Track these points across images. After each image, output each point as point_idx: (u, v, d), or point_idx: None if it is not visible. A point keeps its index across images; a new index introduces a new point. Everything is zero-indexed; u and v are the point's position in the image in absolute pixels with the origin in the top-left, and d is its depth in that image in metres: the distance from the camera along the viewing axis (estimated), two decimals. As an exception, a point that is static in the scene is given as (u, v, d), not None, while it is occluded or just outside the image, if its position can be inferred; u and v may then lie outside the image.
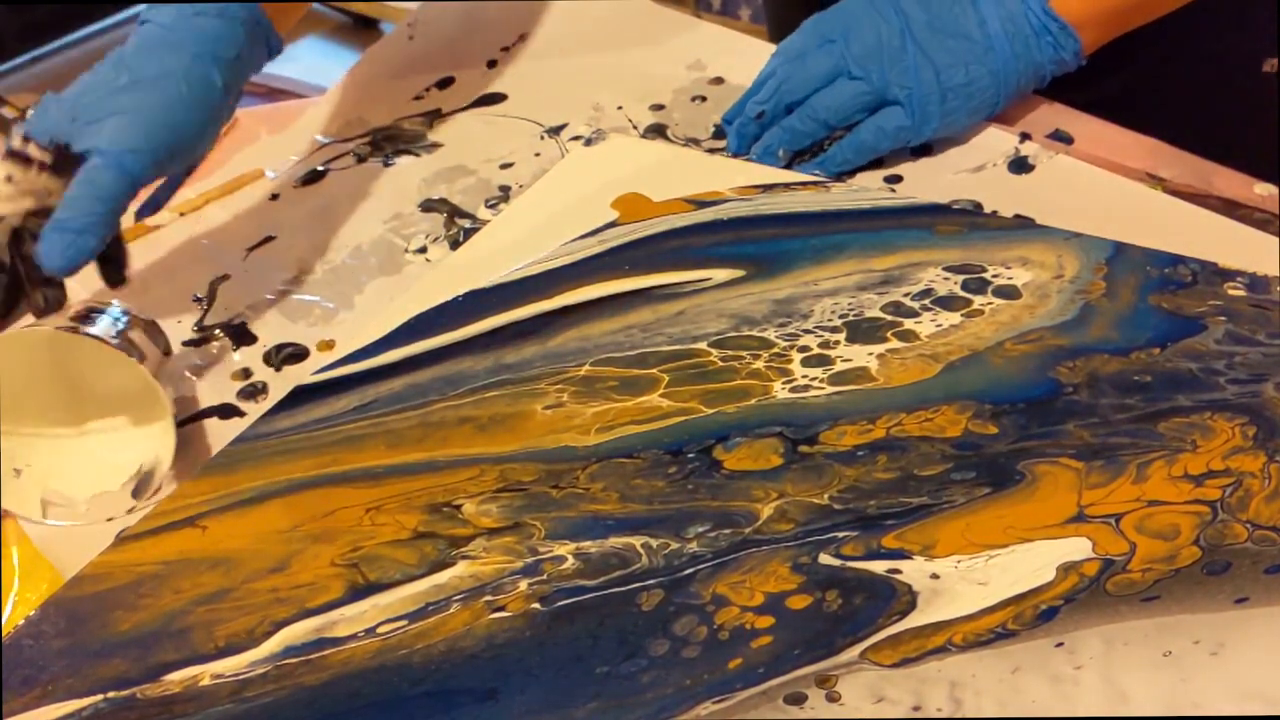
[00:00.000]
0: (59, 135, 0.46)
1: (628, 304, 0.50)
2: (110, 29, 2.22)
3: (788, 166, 0.58)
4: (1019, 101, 0.58)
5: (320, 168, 0.63)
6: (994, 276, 0.49)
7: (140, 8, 0.51)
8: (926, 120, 0.55)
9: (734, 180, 0.56)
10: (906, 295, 0.49)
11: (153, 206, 0.62)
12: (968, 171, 0.56)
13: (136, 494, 0.45)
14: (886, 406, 0.44)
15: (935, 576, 0.37)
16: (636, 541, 0.40)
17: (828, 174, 0.57)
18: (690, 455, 0.43)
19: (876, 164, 0.57)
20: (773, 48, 0.68)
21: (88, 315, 0.45)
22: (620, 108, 0.64)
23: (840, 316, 0.48)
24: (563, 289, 0.51)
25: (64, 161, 0.46)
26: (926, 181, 0.56)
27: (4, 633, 0.40)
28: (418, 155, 0.63)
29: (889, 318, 0.48)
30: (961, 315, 0.47)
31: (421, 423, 0.46)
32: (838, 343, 0.47)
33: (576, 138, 0.62)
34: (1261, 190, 0.54)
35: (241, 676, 0.37)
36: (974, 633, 0.36)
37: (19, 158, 0.46)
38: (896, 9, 0.55)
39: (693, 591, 0.38)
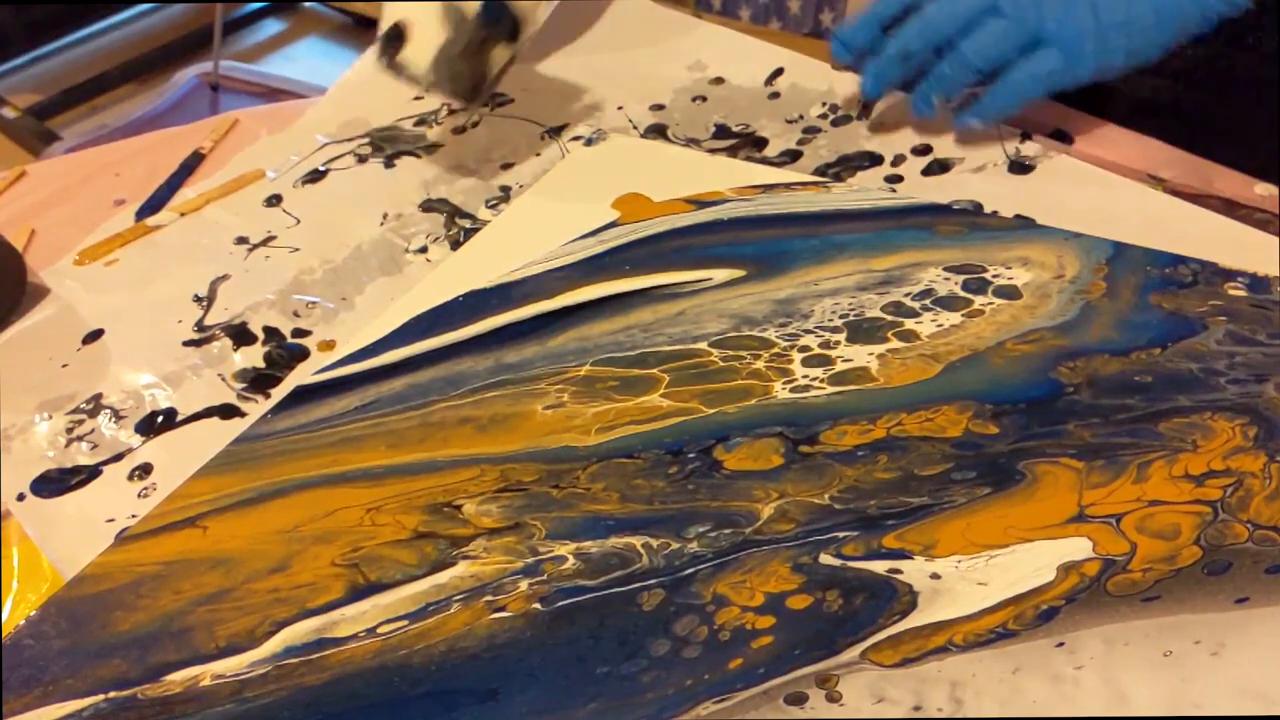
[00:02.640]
0: None
1: (628, 304, 0.50)
2: (110, 29, 2.22)
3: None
4: (1182, 44, 0.52)
5: (320, 168, 0.63)
6: (994, 276, 0.49)
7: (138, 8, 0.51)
8: (1081, 62, 0.52)
9: (734, 180, 0.56)
10: (907, 295, 0.49)
11: (153, 206, 0.62)
12: (968, 171, 0.56)
13: None
14: (887, 406, 0.44)
15: (936, 576, 0.37)
16: (637, 541, 0.40)
17: (985, 122, 0.55)
18: (691, 455, 0.43)
19: (877, 164, 0.57)
20: (772, 47, 0.68)
21: None
22: (620, 108, 0.64)
23: (840, 316, 0.48)
24: (563, 289, 0.51)
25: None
26: (926, 181, 0.56)
27: (4, 633, 0.40)
28: (418, 155, 0.63)
29: (889, 318, 0.48)
30: (962, 315, 0.47)
31: (422, 423, 0.46)
32: (838, 343, 0.47)
33: (576, 138, 0.62)
34: (1261, 190, 0.54)
35: (242, 677, 0.37)
36: (974, 633, 0.36)
37: None
38: None
39: (693, 591, 0.38)
